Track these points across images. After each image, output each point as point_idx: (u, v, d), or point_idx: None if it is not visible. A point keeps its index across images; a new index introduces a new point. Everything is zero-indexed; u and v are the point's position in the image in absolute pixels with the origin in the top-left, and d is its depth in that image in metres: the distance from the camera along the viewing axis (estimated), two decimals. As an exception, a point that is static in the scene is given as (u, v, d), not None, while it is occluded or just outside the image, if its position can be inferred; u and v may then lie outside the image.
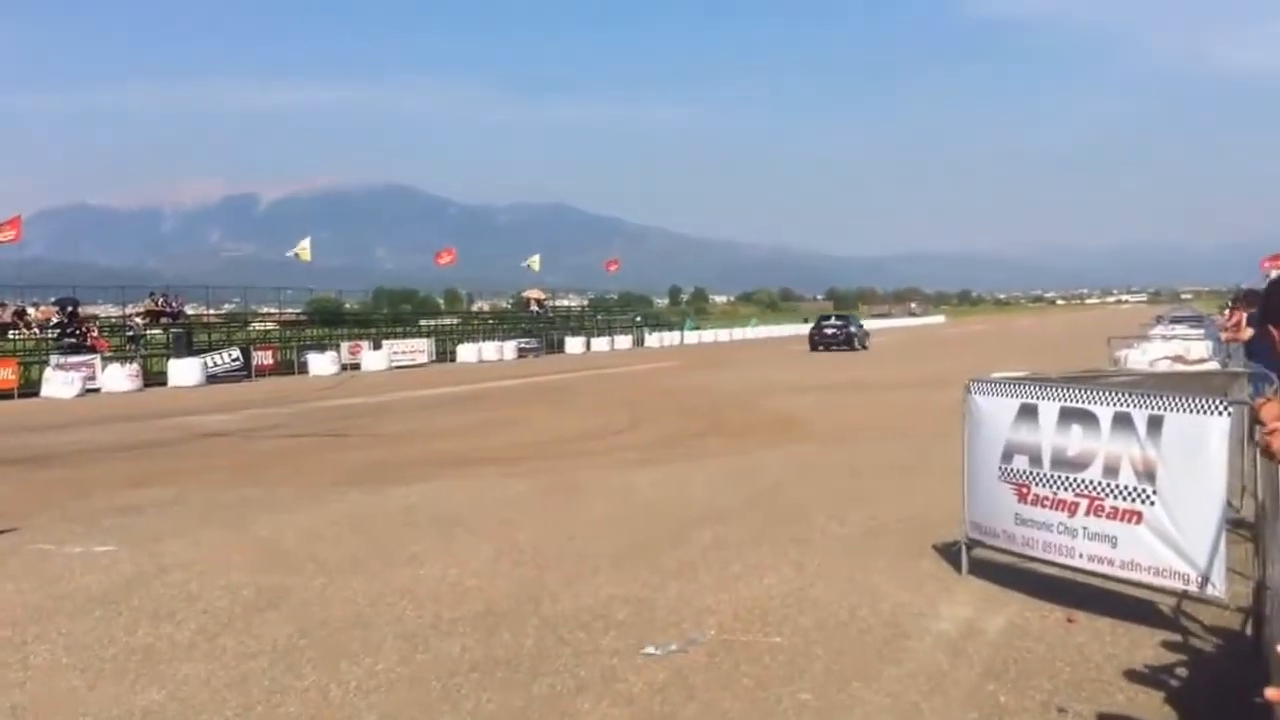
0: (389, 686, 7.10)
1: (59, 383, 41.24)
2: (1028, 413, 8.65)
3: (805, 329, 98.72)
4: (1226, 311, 32.54)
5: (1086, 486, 8.11)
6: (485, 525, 12.46)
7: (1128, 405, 7.91)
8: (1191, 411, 7.56)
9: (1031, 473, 8.56)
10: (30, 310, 52.89)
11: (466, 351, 65.28)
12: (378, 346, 60.05)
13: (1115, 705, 6.49)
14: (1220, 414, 7.43)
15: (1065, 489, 8.27)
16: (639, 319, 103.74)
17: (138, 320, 56.19)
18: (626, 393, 34.27)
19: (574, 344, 76.84)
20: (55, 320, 50.46)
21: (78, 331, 48.61)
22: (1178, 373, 14.12)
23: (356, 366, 56.17)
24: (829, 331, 68.91)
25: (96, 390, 42.38)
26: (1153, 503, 7.68)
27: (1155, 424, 7.70)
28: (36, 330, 50.91)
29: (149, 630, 8.50)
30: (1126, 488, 7.84)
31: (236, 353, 51.38)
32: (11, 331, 50.28)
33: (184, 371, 46.39)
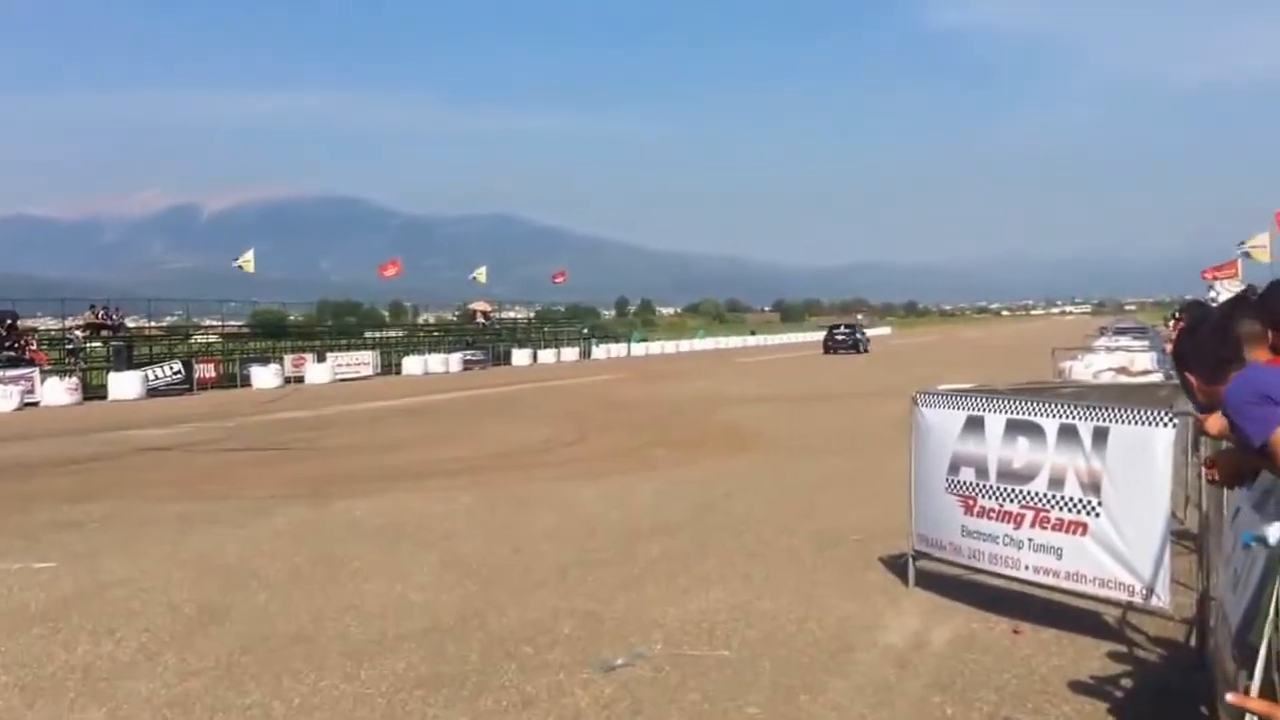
0: (333, 704, 7.02)
1: (-4, 396, 40.72)
2: (974, 425, 8.68)
3: (752, 341, 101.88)
4: (1171, 323, 32.85)
5: (1032, 498, 8.14)
6: (430, 539, 12.38)
7: (1073, 417, 7.95)
8: (1136, 424, 7.59)
9: (978, 485, 8.57)
10: (-33, 323, 52.17)
11: (412, 364, 65.07)
12: (322, 359, 59.64)
13: (1061, 717, 6.50)
14: (1165, 426, 7.47)
15: (1011, 501, 8.29)
16: (586, 331, 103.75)
17: (78, 333, 55.38)
18: (573, 405, 34.21)
19: (520, 356, 76.70)
20: (-7, 333, 49.79)
21: (16, 344, 47.95)
22: (1122, 384, 14.22)
23: (300, 379, 55.76)
24: (839, 337, 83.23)
25: (35, 404, 41.90)
26: (1098, 514, 7.71)
27: (1100, 436, 7.73)
28: (-26, 343, 50.18)
29: (89, 648, 8.38)
30: (1072, 499, 7.87)
31: (178, 366, 50.90)
32: (-51, 345, 49.40)
33: (124, 385, 45.89)
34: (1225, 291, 35.80)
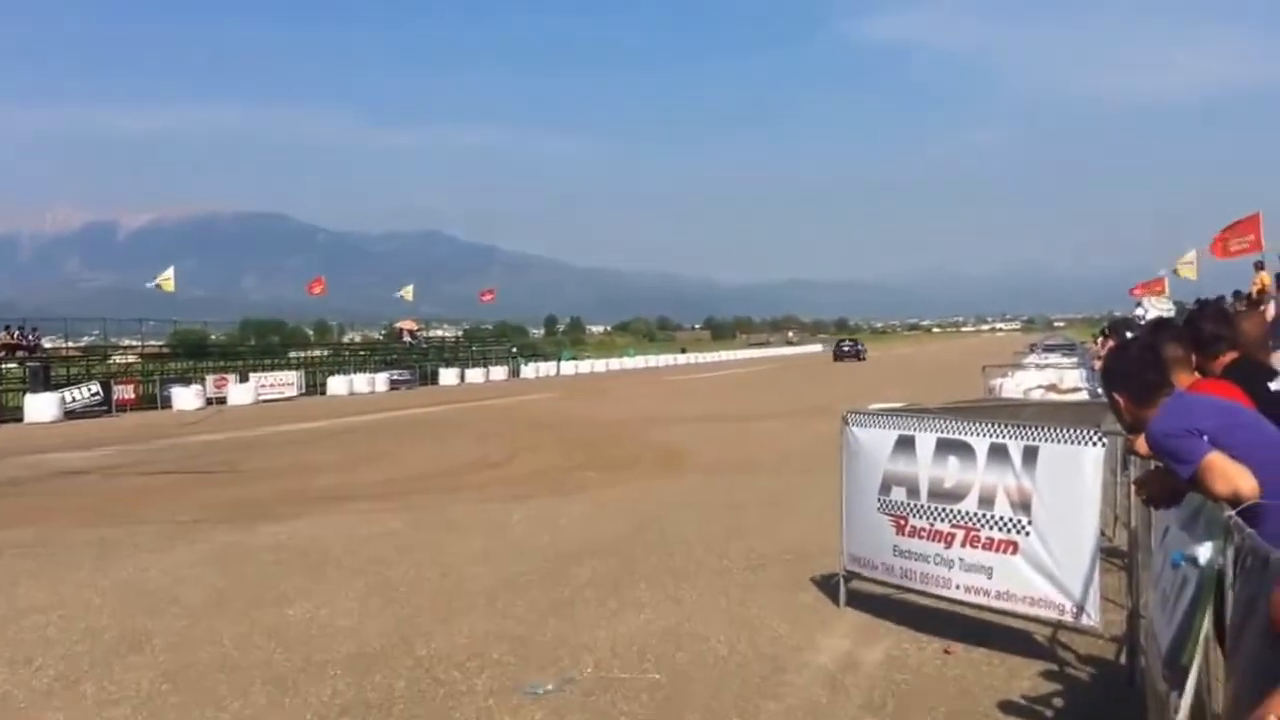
0: (257, 733, 6.89)
1: (-95, 419, 40.03)
2: (905, 444, 8.67)
3: (683, 358, 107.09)
4: (1099, 340, 33.19)
5: (963, 518, 8.13)
6: (356, 563, 12.23)
7: (1003, 436, 7.95)
8: (1065, 442, 7.61)
9: (909, 504, 8.56)
10: (-126, 345, 51.17)
11: (337, 384, 64.56)
12: (245, 379, 59.09)
13: (994, 738, 6.49)
14: (1093, 445, 7.48)
15: (942, 520, 8.28)
16: (514, 350, 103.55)
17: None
18: (502, 425, 34.04)
19: (448, 376, 76.35)
20: (-99, 355, 48.89)
21: (-74, 366, 47.12)
22: (1051, 402, 14.31)
23: (223, 400, 55.22)
24: (845, 349, 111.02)
25: (-54, 427, 41.21)
26: (1028, 533, 7.71)
27: (1030, 455, 7.74)
28: (-119, 365, 49.18)
29: (5, 676, 8.20)
30: (1002, 518, 7.87)
31: (96, 387, 50.19)
32: None
33: (41, 407, 45.19)
34: (1153, 309, 36.24)
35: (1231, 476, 4.21)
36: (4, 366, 52.99)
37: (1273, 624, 2.81)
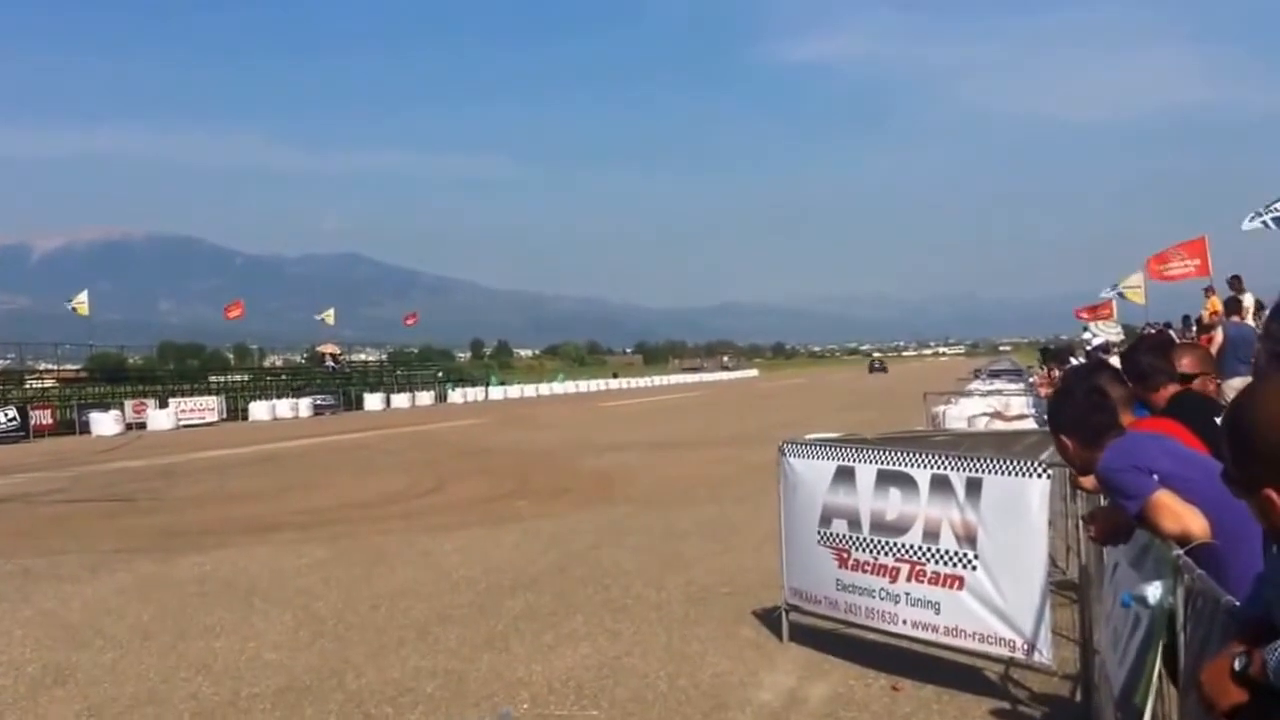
0: (184, 770, 6.68)
1: None
2: (845, 475, 8.53)
3: (615, 384, 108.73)
4: (1040, 367, 33.29)
5: (907, 551, 7.99)
6: (284, 594, 12.01)
7: (945, 468, 7.83)
8: (1010, 474, 7.49)
9: (851, 537, 8.42)
10: None
11: (259, 409, 64.14)
12: (164, 404, 58.72)
13: (946, 779, 6.36)
14: (1039, 476, 7.38)
15: (886, 554, 8.14)
16: (441, 374, 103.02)
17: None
18: (430, 452, 33.71)
19: (373, 400, 75.94)
20: None
21: None
22: (996, 432, 14.23)
23: (142, 426, 54.79)
24: (876, 366, 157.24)
25: None
26: (974, 567, 7.58)
27: (974, 487, 7.62)
28: None
29: (-79, 713, 7.94)
30: (947, 552, 7.74)
31: (13, 412, 49.71)
32: None
33: (-45, 433, 44.60)
34: (1101, 333, 36.34)
35: (1180, 514, 4.17)
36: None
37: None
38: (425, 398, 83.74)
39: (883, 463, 8.32)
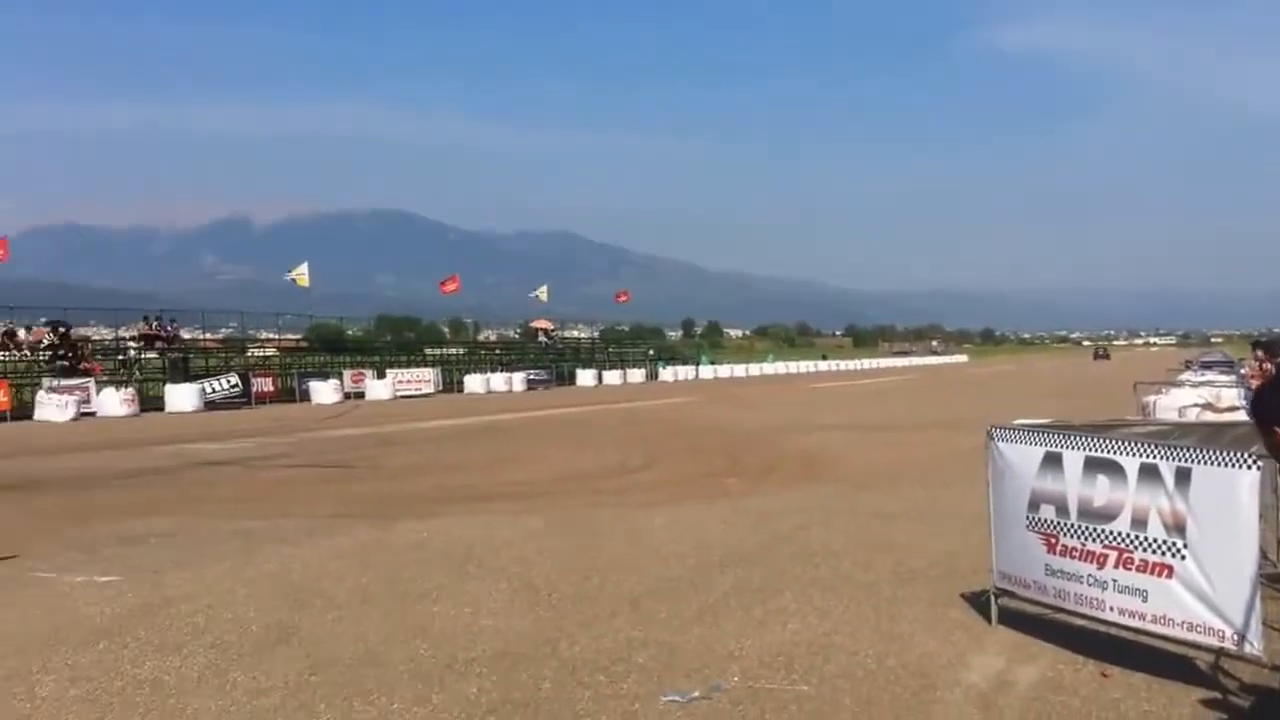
0: (406, 728, 6.94)
1: (53, 406, 41.16)
2: (1052, 461, 8.43)
3: (824, 365, 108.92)
4: (1251, 359, 32.17)
5: (1114, 538, 7.89)
6: (499, 563, 12.27)
7: (1154, 456, 7.71)
8: (1219, 465, 7.34)
9: (1059, 523, 8.34)
10: (21, 332, 52.40)
11: (474, 382, 65.18)
12: (382, 375, 59.83)
13: (1154, 766, 6.30)
14: (1249, 468, 7.21)
15: (1094, 540, 8.05)
16: (652, 352, 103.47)
17: (132, 345, 55.94)
18: (641, 429, 34.02)
19: (585, 377, 76.71)
20: (47, 342, 50.04)
21: (70, 354, 48.24)
22: (1205, 423, 13.83)
23: (360, 395, 55.96)
24: (1099, 353, 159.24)
25: (91, 414, 42.31)
26: (1183, 556, 7.46)
27: (1183, 476, 7.48)
28: (28, 352, 50.42)
29: (156, 663, 8.36)
30: (1155, 540, 7.62)
31: (235, 379, 51.26)
32: (1, 353, 49.96)
33: (182, 397, 46.30)
34: None
35: None
36: (144, 356, 54.21)
37: None
38: (636, 375, 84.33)
39: (1090, 449, 8.21)
